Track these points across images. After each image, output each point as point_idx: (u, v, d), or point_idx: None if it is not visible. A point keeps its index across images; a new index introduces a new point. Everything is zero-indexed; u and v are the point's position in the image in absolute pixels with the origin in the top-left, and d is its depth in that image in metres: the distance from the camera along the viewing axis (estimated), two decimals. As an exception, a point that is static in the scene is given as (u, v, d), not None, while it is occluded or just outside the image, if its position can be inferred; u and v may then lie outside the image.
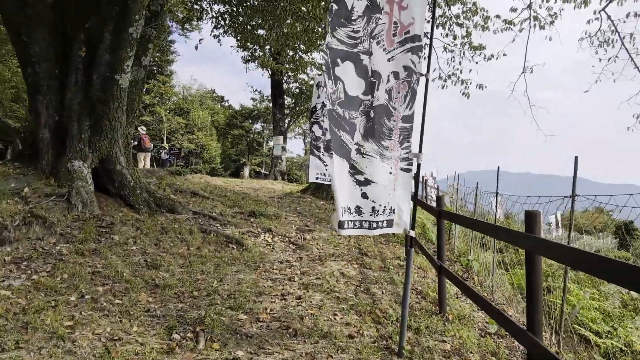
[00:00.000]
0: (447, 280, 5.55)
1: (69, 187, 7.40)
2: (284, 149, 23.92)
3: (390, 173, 4.17)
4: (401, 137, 4.13)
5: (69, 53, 7.64)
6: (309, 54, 23.55)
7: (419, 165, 4.20)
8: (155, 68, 47.52)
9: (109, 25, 7.41)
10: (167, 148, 27.27)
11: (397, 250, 8.77)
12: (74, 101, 7.78)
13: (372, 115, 3.97)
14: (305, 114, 26.57)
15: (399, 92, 4.05)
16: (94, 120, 8.04)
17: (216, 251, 7.30)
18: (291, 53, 17.93)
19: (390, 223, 4.21)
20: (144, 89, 42.93)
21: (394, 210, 4.20)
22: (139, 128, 25.12)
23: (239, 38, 14.89)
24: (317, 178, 10.38)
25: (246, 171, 25.21)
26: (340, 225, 3.83)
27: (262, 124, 50.06)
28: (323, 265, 6.91)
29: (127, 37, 7.51)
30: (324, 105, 10.67)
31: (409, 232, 4.25)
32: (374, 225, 4.08)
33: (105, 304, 4.65)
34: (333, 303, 5.23)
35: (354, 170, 3.93)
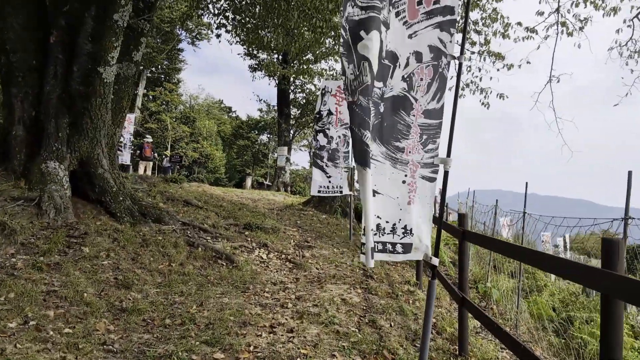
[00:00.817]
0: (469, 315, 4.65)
1: (40, 191, 6.59)
2: (288, 159, 23.13)
3: (404, 182, 3.34)
4: (424, 137, 3.29)
5: (48, 41, 6.89)
6: (317, 64, 22.92)
7: (446, 174, 3.27)
8: (162, 76, 47.34)
9: (91, 9, 6.67)
10: (168, 156, 26.55)
11: (406, 273, 7.86)
12: (52, 95, 7.01)
13: (381, 110, 3.19)
14: (311, 125, 25.84)
15: (421, 79, 3.21)
16: (74, 118, 7.26)
17: (202, 268, 6.44)
18: (297, 58, 17.20)
19: (407, 248, 3.35)
20: (151, 96, 42.37)
21: (410, 230, 3.33)
22: (144, 137, 24.55)
23: (242, 38, 14.18)
24: (319, 191, 9.56)
25: (248, 181, 24.41)
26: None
27: (268, 135, 49.48)
28: (322, 289, 6.02)
29: (111, 24, 6.75)
30: (330, 112, 9.88)
31: (430, 258, 3.36)
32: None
33: (52, 333, 3.79)
34: (332, 339, 4.34)
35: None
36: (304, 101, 25.42)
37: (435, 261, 3.28)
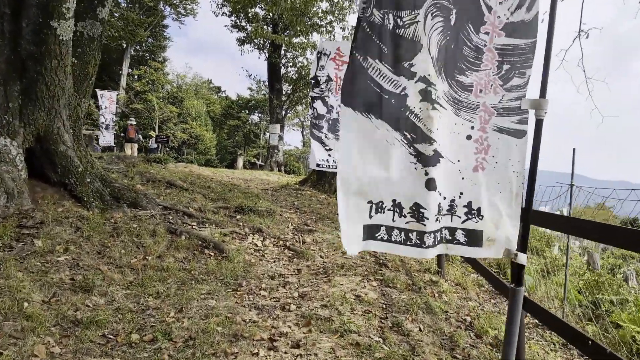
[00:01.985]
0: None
1: (-14, 173, 5.45)
2: (281, 138, 21.95)
3: (470, 138, 2.29)
4: (504, 68, 2.21)
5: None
6: (309, 36, 21.60)
7: (539, 123, 2.10)
8: (147, 54, 45.58)
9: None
10: (154, 136, 25.29)
11: (424, 259, 6.85)
12: (-2, 58, 5.81)
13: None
14: (303, 101, 24.60)
15: None
16: (27, 84, 6.07)
17: (185, 261, 5.38)
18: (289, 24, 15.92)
19: (473, 237, 2.34)
20: (136, 76, 40.75)
21: (478, 211, 2.26)
22: (129, 121, 23.44)
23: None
24: (319, 165, 8.46)
25: (240, 162, 23.25)
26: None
27: (260, 115, 48.21)
28: (330, 283, 4.98)
29: (63, -35, 5.52)
30: (329, 78, 8.73)
31: (514, 255, 2.25)
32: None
33: (-34, 365, 2.72)
34: (351, 356, 3.31)
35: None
36: (296, 76, 24.09)
37: (522, 259, 2.18)
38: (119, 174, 8.32)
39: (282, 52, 22.12)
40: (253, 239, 6.69)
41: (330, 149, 8.48)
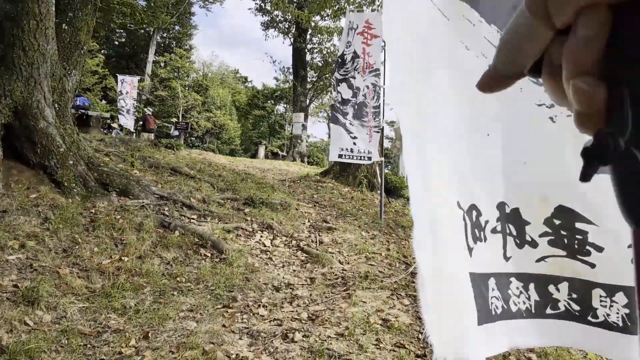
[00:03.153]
0: None
1: (-56, 150, 4.59)
2: (304, 127, 20.91)
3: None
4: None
5: None
6: (336, 20, 20.43)
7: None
8: (174, 42, 45.23)
9: None
10: (174, 123, 24.65)
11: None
12: (-37, 15, 4.92)
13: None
14: (329, 89, 23.45)
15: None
16: (2, 50, 5.18)
17: (174, 262, 4.41)
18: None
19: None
20: (161, 63, 40.29)
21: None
22: (145, 109, 22.93)
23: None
24: (340, 156, 7.40)
25: (261, 151, 22.33)
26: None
27: (285, 106, 47.34)
28: (349, 300, 3.91)
29: None
30: (355, 55, 7.65)
31: None
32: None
33: None
34: None
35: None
36: (322, 63, 22.96)
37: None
38: (116, 157, 7.42)
39: (308, 36, 21.03)
40: (261, 237, 5.68)
41: (355, 137, 7.40)
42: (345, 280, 4.39)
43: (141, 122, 22.53)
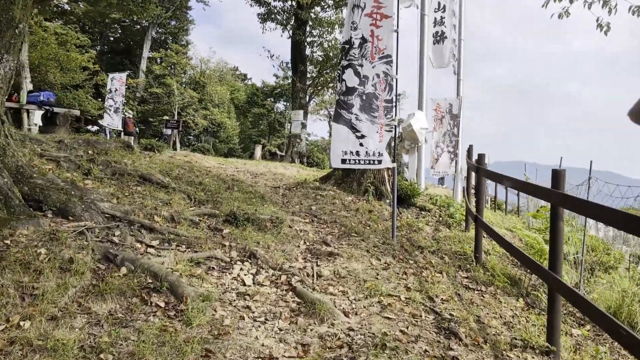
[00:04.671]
0: None
1: None
2: (304, 125, 19.54)
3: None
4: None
5: None
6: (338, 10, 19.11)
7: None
8: (170, 37, 43.94)
9: None
10: (165, 121, 23.31)
11: (515, 314, 4.35)
12: None
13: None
14: (330, 85, 22.03)
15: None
16: None
17: (105, 323, 3.05)
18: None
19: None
20: (157, 59, 39.18)
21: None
22: (125, 113, 21.87)
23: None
24: (344, 161, 6.07)
25: (258, 151, 20.95)
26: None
27: (285, 103, 46.01)
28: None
29: None
30: (364, 40, 6.28)
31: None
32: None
33: None
34: None
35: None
36: (323, 58, 21.56)
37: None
38: (69, 164, 6.06)
39: (308, 28, 19.63)
40: (240, 270, 4.32)
41: (362, 136, 6.03)
42: (352, 350, 3.02)
43: (121, 128, 21.54)
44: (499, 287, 5.00)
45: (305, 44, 20.03)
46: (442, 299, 4.25)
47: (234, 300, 3.70)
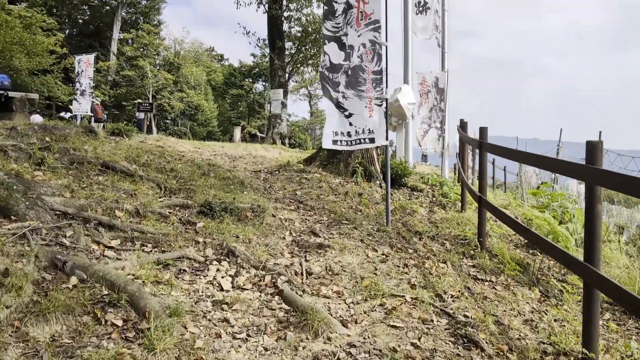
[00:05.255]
0: None
1: None
2: (284, 105, 18.76)
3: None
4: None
5: None
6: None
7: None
8: (140, 17, 42.36)
9: None
10: (137, 105, 22.26)
11: (528, 297, 3.82)
12: None
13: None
14: (310, 62, 21.18)
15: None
16: None
17: (46, 352, 2.40)
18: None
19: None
20: (129, 40, 37.85)
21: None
22: (92, 100, 20.95)
23: None
24: (335, 142, 5.43)
25: (237, 133, 20.11)
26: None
27: (264, 84, 44.92)
28: None
29: None
30: (349, 5, 5.55)
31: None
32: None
33: None
34: None
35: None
36: (301, 34, 20.64)
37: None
38: (17, 153, 5.29)
39: (284, 2, 18.67)
40: (217, 272, 3.69)
41: (350, 114, 5.40)
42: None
43: (91, 114, 20.61)
44: (510, 276, 4.48)
45: (283, 18, 19.09)
46: (451, 295, 3.69)
47: (209, 312, 3.08)
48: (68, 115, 22.18)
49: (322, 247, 4.50)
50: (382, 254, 4.48)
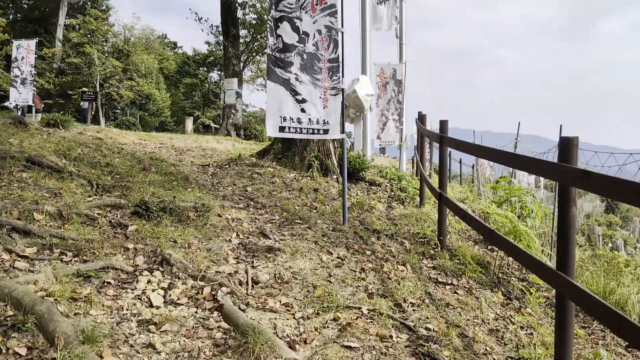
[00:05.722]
0: None
1: None
2: (239, 95, 18.08)
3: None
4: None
5: None
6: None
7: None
8: (88, 2, 40.27)
9: None
10: (80, 94, 20.97)
11: (491, 301, 3.55)
12: None
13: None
14: (266, 52, 20.53)
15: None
16: None
17: None
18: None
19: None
20: (76, 25, 36.07)
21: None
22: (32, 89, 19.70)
23: None
24: (283, 129, 5.00)
25: (189, 124, 19.26)
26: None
27: (219, 73, 43.69)
28: None
29: None
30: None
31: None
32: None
33: None
34: None
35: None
36: (257, 21, 19.96)
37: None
38: None
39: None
40: (148, 285, 3.21)
41: (304, 100, 4.98)
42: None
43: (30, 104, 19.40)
44: (471, 277, 4.23)
45: (237, 5, 18.35)
46: (412, 303, 3.37)
47: (132, 335, 2.61)
48: (13, 104, 20.67)
49: (272, 251, 4.08)
50: (338, 257, 4.11)
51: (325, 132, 5.06)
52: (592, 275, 4.43)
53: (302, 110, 4.94)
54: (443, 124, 4.88)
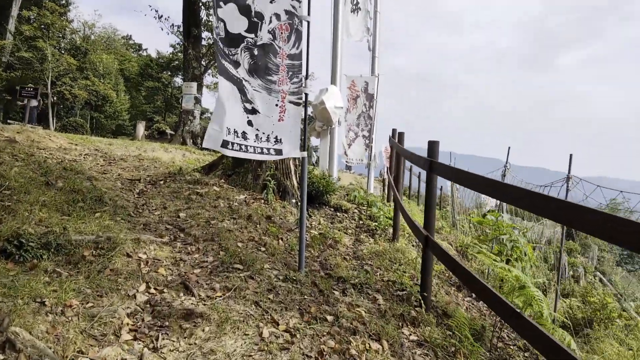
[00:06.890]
0: None
1: None
2: (197, 100, 16.66)
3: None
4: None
5: None
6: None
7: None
8: (45, -6, 38.02)
9: None
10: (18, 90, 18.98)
11: None
12: None
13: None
14: (212, 36, 19.27)
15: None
16: None
17: None
18: None
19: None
20: (30, 17, 33.83)
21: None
22: None
23: None
24: (226, 145, 3.73)
25: (140, 129, 17.66)
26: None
27: (182, 77, 42.06)
28: None
29: None
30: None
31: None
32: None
33: None
34: None
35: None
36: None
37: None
38: None
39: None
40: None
41: (254, 110, 3.76)
42: None
43: None
44: (467, 356, 3.08)
45: (200, 4, 17.03)
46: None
47: None
48: None
49: (192, 318, 2.81)
50: (287, 330, 2.87)
51: (278, 152, 3.85)
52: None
53: (249, 123, 3.68)
54: (432, 146, 3.76)
